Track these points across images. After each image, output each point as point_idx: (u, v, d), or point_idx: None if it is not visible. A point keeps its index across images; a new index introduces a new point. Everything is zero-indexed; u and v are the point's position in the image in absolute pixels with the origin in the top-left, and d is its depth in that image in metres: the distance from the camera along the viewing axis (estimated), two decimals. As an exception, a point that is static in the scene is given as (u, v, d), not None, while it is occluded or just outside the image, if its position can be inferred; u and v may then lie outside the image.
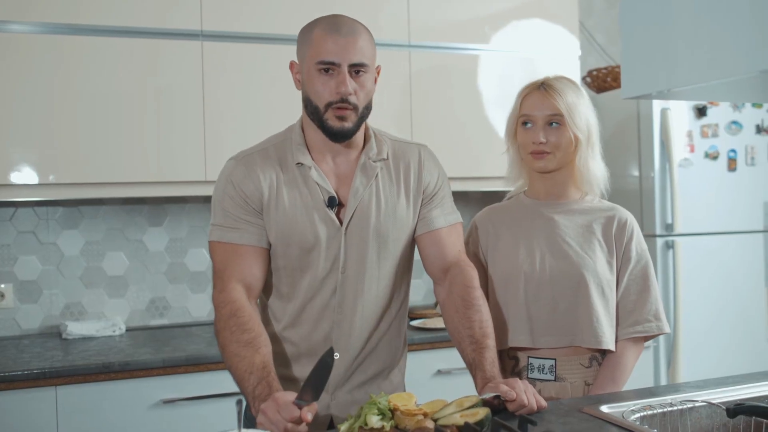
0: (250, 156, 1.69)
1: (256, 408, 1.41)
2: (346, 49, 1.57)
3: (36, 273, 2.90)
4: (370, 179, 1.68)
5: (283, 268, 1.68)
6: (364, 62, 1.60)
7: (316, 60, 1.58)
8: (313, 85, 1.60)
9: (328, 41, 1.57)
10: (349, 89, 1.58)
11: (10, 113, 2.51)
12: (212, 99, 2.73)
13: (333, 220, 1.65)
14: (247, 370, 1.47)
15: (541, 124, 1.80)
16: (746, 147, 3.32)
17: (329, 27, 1.59)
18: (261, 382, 1.44)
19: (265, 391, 1.42)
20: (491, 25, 3.12)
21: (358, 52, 1.59)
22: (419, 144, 1.80)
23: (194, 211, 3.10)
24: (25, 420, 2.24)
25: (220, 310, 1.58)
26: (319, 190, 1.65)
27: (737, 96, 2.07)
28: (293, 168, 1.66)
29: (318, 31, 1.60)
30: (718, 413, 1.54)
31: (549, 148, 1.80)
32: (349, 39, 1.58)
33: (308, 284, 1.66)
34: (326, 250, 1.65)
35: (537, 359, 1.81)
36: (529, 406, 1.46)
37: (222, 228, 1.64)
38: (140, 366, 2.35)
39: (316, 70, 1.59)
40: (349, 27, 1.60)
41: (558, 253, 1.82)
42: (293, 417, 1.31)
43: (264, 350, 1.51)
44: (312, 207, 1.64)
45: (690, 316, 3.19)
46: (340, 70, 1.58)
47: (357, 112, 1.61)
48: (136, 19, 2.64)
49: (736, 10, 1.26)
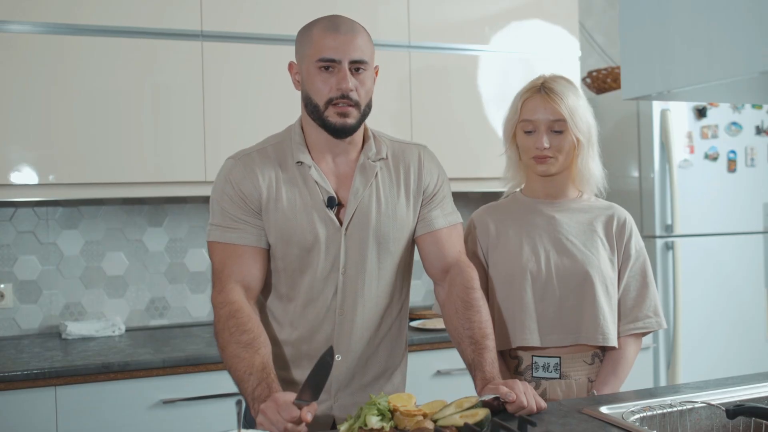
0: (249, 155, 1.68)
1: (256, 409, 1.40)
2: (346, 46, 1.58)
3: (36, 273, 2.90)
4: (369, 179, 1.68)
5: (282, 268, 1.67)
6: (364, 59, 1.61)
7: (316, 58, 1.59)
8: (313, 83, 1.61)
9: (328, 39, 1.58)
10: (350, 85, 1.59)
11: (10, 113, 2.51)
12: (212, 99, 2.73)
13: (333, 220, 1.64)
14: (247, 371, 1.46)
15: (543, 130, 1.79)
16: (746, 148, 3.32)
17: (328, 25, 1.60)
18: (261, 383, 1.43)
19: (264, 392, 1.41)
20: (491, 25, 3.12)
21: (357, 49, 1.60)
22: (419, 145, 1.79)
23: (194, 211, 3.10)
24: (24, 420, 2.23)
25: (219, 310, 1.57)
26: (319, 190, 1.65)
27: (737, 97, 2.07)
28: (293, 167, 1.66)
29: (317, 30, 1.61)
30: (717, 414, 1.54)
31: (552, 152, 1.80)
32: (349, 36, 1.59)
33: (308, 285, 1.66)
34: (326, 251, 1.64)
35: (542, 358, 1.81)
36: (528, 407, 1.46)
37: (221, 228, 1.64)
38: (140, 366, 2.35)
39: (316, 68, 1.59)
40: (348, 25, 1.62)
41: (562, 250, 1.82)
42: (293, 417, 1.31)
43: (263, 351, 1.51)
44: (311, 207, 1.64)
45: (689, 317, 3.19)
46: (341, 67, 1.59)
47: (359, 109, 1.62)
48: (135, 19, 2.64)
49: (736, 11, 1.26)
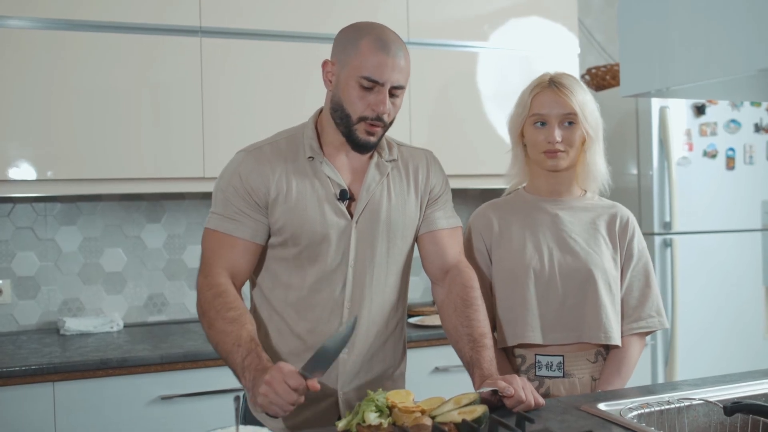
0: (261, 149, 1.68)
1: (247, 378, 1.42)
2: (392, 71, 1.58)
3: (34, 269, 2.90)
4: (382, 176, 1.70)
5: (291, 259, 1.67)
6: (404, 85, 1.62)
7: (360, 74, 1.58)
8: (349, 95, 1.60)
9: (377, 57, 1.57)
10: (386, 110, 1.60)
11: (8, 109, 2.51)
12: (211, 95, 2.73)
13: (344, 213, 1.65)
14: (235, 343, 1.48)
15: (555, 123, 1.80)
16: (745, 146, 3.32)
17: (378, 43, 1.58)
18: (250, 353, 1.45)
19: (254, 361, 1.43)
20: (490, 23, 3.11)
21: (401, 75, 1.60)
22: (424, 150, 1.82)
23: (192, 207, 3.10)
24: (22, 416, 2.24)
25: (205, 292, 1.58)
26: (330, 183, 1.66)
27: (736, 94, 2.08)
28: (304, 161, 1.67)
29: (366, 43, 1.58)
30: (715, 411, 1.54)
31: (563, 146, 1.80)
32: (396, 60, 1.59)
33: (316, 276, 1.66)
34: (336, 243, 1.65)
35: (545, 356, 1.81)
36: (526, 402, 1.46)
37: (221, 217, 1.64)
38: (138, 362, 2.35)
39: (356, 81, 1.58)
40: (397, 46, 1.60)
41: (565, 248, 1.83)
42: (299, 384, 1.33)
43: (249, 326, 1.52)
44: (323, 199, 1.65)
45: (688, 314, 3.19)
46: (382, 90, 1.58)
47: (385, 129, 1.65)
48: (134, 15, 2.64)
49: (734, 8, 1.26)
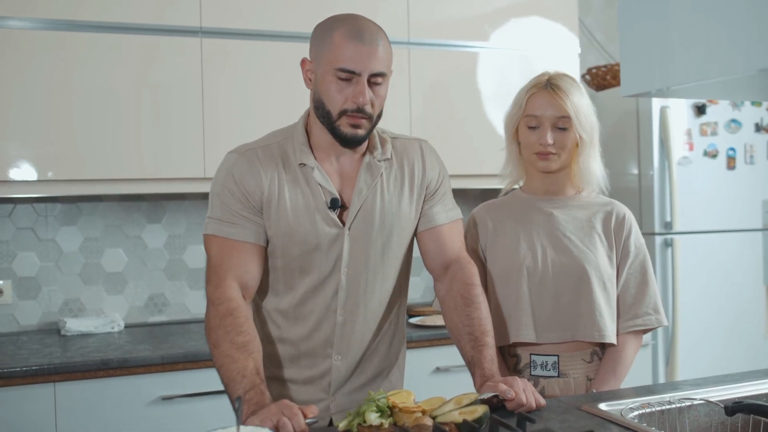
0: (253, 151, 1.64)
1: (244, 411, 1.40)
2: (367, 59, 1.52)
3: (34, 269, 2.90)
4: (375, 178, 1.66)
5: (282, 267, 1.65)
6: (384, 72, 1.56)
7: (335, 66, 1.53)
8: (328, 89, 1.55)
9: (350, 48, 1.52)
10: (366, 100, 1.54)
11: (9, 109, 2.51)
12: (211, 96, 2.73)
13: (335, 222, 1.62)
14: (240, 373, 1.45)
15: (548, 126, 1.79)
16: (745, 145, 3.32)
17: (351, 32, 1.53)
18: (254, 388, 1.42)
19: (256, 397, 1.41)
20: (491, 22, 3.11)
21: (379, 62, 1.54)
22: (419, 139, 1.77)
23: (193, 207, 3.10)
24: (23, 416, 2.23)
25: (217, 306, 1.54)
26: (322, 191, 1.62)
27: (736, 94, 2.07)
28: (295, 168, 1.63)
29: (339, 34, 1.53)
30: (716, 411, 1.54)
31: (555, 149, 1.79)
32: (372, 48, 1.53)
33: (308, 285, 1.64)
34: (328, 252, 1.63)
35: (540, 356, 1.81)
36: (527, 404, 1.46)
37: (219, 222, 1.61)
38: (139, 363, 2.35)
39: (333, 75, 1.54)
40: (372, 34, 1.54)
41: (559, 247, 1.82)
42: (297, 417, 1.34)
43: (256, 355, 1.49)
44: (314, 208, 1.61)
45: (688, 313, 3.19)
46: (360, 80, 1.53)
47: (371, 120, 1.59)
48: (134, 16, 2.64)
49: (734, 8, 1.26)
